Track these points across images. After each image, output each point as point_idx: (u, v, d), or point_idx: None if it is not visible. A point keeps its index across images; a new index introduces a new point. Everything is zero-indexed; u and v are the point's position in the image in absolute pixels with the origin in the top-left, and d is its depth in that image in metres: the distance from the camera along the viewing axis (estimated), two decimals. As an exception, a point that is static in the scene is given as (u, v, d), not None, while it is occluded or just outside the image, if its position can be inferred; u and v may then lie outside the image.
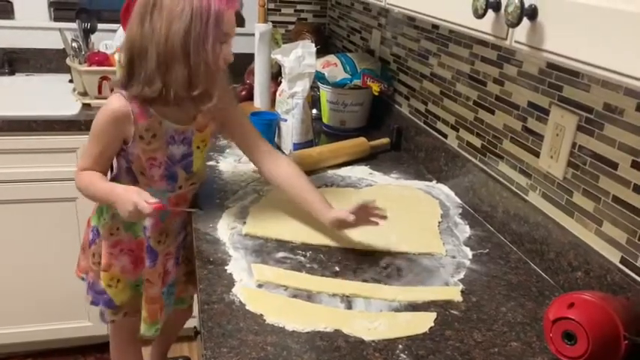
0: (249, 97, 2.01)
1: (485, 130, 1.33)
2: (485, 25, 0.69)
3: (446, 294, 1.04)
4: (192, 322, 1.75)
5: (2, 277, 1.91)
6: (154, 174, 1.22)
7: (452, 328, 0.94)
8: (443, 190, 1.47)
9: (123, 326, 1.48)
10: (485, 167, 1.33)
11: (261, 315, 0.94)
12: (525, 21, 0.61)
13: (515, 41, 0.65)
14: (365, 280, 1.06)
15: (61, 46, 2.04)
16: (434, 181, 1.52)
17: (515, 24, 0.60)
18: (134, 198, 1.08)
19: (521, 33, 0.63)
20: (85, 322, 2.04)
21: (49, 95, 2.06)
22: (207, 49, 1.08)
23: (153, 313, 1.32)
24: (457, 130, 1.46)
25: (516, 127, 1.21)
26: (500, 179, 1.27)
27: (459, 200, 1.42)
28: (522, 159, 1.19)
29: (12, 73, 2.21)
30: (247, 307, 0.96)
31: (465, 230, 1.28)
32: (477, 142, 1.36)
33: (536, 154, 1.14)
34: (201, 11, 1.06)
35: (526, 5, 0.60)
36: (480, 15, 0.66)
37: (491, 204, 1.28)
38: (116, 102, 1.14)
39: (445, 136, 1.52)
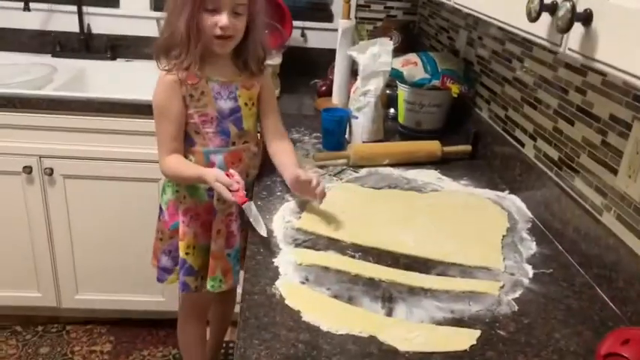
0: (329, 92, 2.01)
1: (563, 142, 1.24)
2: (539, 29, 0.64)
3: (483, 287, 1.03)
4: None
5: (87, 246, 2.07)
6: (208, 130, 1.33)
7: (495, 349, 0.89)
8: (514, 201, 1.39)
9: (193, 301, 1.59)
10: (560, 181, 1.24)
11: (299, 311, 0.94)
12: (579, 27, 0.56)
13: (569, 49, 0.59)
14: (412, 288, 1.03)
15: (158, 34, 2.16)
16: (506, 192, 1.44)
17: (565, 29, 0.55)
18: (219, 190, 1.22)
19: (574, 39, 0.58)
20: (159, 298, 2.15)
21: (143, 81, 2.17)
22: (184, 14, 1.20)
23: (212, 268, 1.40)
24: (535, 140, 1.37)
25: (595, 141, 1.11)
26: (575, 195, 1.18)
27: (529, 214, 1.33)
28: (599, 176, 1.10)
29: (114, 58, 2.36)
30: (286, 302, 0.96)
31: (530, 247, 1.20)
32: (554, 154, 1.27)
33: (615, 172, 1.05)
34: None
35: (580, 9, 0.55)
36: (533, 18, 0.61)
37: (562, 221, 1.20)
38: (162, 75, 1.30)
39: (522, 144, 1.43)
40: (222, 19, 1.22)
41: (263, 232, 1.15)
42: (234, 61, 1.34)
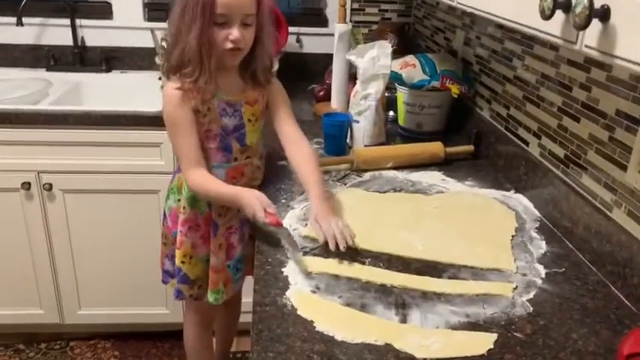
0: (327, 97, 2.00)
1: (568, 139, 1.23)
2: (553, 27, 0.63)
3: (497, 289, 1.02)
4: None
5: (89, 261, 2.04)
6: (211, 146, 1.30)
7: (513, 352, 0.88)
8: (521, 201, 1.38)
9: (197, 311, 1.57)
10: (567, 179, 1.23)
11: (312, 322, 0.92)
12: (596, 23, 0.55)
13: (586, 45, 0.58)
14: (425, 292, 1.02)
15: (153, 44, 2.14)
16: (512, 191, 1.43)
17: (582, 26, 0.54)
18: (255, 210, 1.15)
19: (591, 36, 0.57)
20: (163, 310, 2.13)
21: (139, 92, 2.17)
22: (194, 30, 1.17)
23: (213, 281, 1.39)
24: (539, 138, 1.36)
25: (603, 137, 1.10)
26: (583, 193, 1.17)
27: (537, 213, 1.32)
28: (608, 172, 1.09)
29: (109, 70, 2.34)
30: (299, 312, 0.95)
31: (540, 246, 1.19)
32: (560, 152, 1.26)
33: (624, 168, 1.04)
34: None
35: (597, 5, 0.54)
36: (547, 16, 0.60)
37: (571, 219, 1.19)
38: (168, 88, 1.25)
39: (527, 143, 1.42)
40: (234, 32, 1.19)
41: (299, 254, 1.11)
42: (242, 73, 1.31)
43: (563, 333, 0.92)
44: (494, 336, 0.91)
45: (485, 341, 0.89)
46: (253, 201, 1.17)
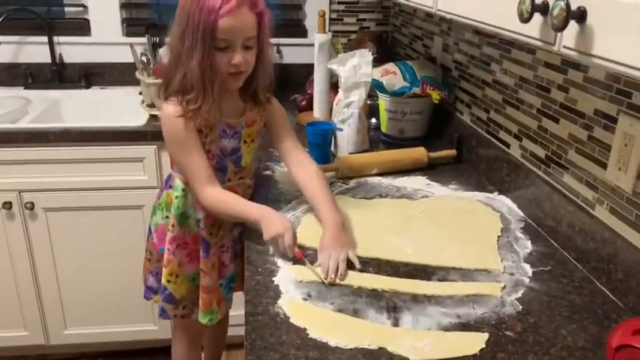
0: (309, 106, 2.01)
1: (549, 140, 1.25)
2: (531, 30, 0.65)
3: (486, 289, 1.03)
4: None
5: (73, 280, 2.02)
6: None
7: (505, 350, 0.89)
8: (505, 202, 1.41)
9: (185, 328, 1.55)
10: (549, 179, 1.26)
11: (305, 329, 0.92)
12: (573, 24, 0.56)
13: (564, 46, 0.60)
14: (415, 295, 1.03)
15: (132, 59, 2.14)
16: (495, 193, 1.45)
17: (560, 28, 0.56)
18: (286, 230, 1.12)
19: (569, 37, 0.59)
20: (151, 326, 2.11)
21: (120, 107, 2.16)
22: (196, 56, 1.14)
23: (206, 302, 1.36)
24: (520, 140, 1.39)
25: (582, 136, 1.13)
26: (565, 192, 1.19)
27: (521, 213, 1.34)
28: (588, 171, 1.11)
29: (88, 86, 2.33)
30: (291, 320, 0.95)
31: (526, 245, 1.21)
32: (541, 153, 1.29)
33: (604, 166, 1.06)
34: (195, 17, 1.12)
35: (574, 7, 0.55)
36: (525, 19, 0.62)
37: (555, 218, 1.21)
38: (170, 108, 1.22)
39: (508, 145, 1.45)
40: (236, 56, 1.16)
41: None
42: (242, 93, 1.29)
43: (553, 330, 0.94)
44: (485, 335, 0.92)
45: (477, 341, 0.90)
46: (279, 226, 1.13)
